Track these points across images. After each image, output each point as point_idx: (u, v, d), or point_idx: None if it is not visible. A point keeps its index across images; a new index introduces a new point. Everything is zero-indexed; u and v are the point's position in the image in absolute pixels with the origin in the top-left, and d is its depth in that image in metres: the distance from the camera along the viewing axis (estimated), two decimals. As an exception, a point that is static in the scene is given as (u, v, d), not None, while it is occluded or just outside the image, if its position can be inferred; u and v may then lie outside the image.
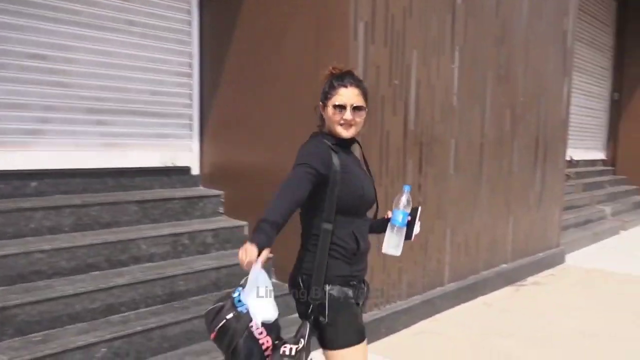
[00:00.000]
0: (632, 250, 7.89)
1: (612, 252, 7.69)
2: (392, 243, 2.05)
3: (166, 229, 3.68)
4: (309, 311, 1.94)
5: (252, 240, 1.68)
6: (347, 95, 2.03)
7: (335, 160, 1.98)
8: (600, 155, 11.85)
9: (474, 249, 4.95)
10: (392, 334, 3.95)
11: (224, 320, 1.72)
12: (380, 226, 2.14)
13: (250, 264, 1.64)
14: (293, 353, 1.77)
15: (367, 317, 3.80)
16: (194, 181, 4.41)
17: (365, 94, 2.08)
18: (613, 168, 11.80)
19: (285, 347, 1.77)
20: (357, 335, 1.97)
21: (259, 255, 1.65)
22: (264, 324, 1.71)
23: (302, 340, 1.83)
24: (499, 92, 5.16)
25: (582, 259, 6.73)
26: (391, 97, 3.94)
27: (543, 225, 6.12)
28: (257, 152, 4.05)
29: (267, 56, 3.94)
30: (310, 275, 1.96)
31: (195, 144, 4.44)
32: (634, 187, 11.42)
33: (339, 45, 3.56)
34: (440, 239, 4.60)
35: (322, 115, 2.09)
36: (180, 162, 4.37)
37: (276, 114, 3.88)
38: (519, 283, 5.49)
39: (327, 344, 1.95)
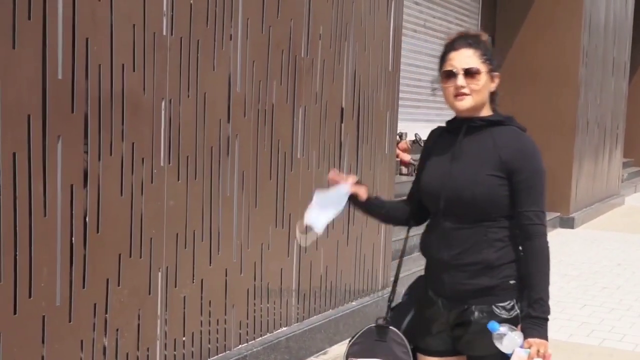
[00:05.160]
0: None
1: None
2: None
3: None
4: None
5: None
6: (457, 59, 2.74)
7: (432, 145, 2.96)
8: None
9: (204, 305, 4.68)
10: None
11: None
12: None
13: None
14: None
15: None
16: None
17: (484, 55, 2.76)
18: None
19: None
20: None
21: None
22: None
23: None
24: (260, 15, 4.89)
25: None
26: None
27: (357, 254, 6.13)
28: None
29: None
30: None
31: None
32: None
33: None
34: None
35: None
36: None
37: None
38: (315, 357, 5.48)
39: None
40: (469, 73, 2.71)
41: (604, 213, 14.11)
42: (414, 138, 9.68)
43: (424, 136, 10.04)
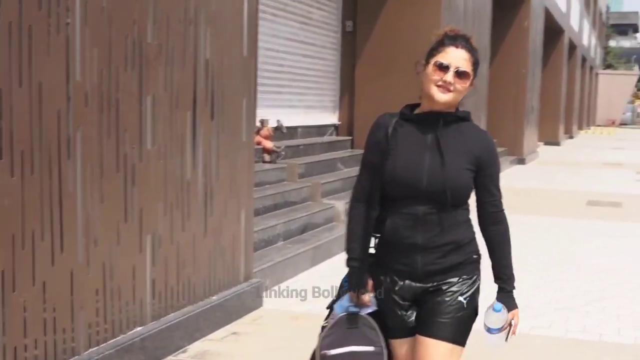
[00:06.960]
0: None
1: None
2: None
3: None
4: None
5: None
6: (455, 55, 3.03)
7: (392, 134, 3.12)
8: (331, 118, 12.40)
9: (48, 309, 4.46)
10: None
11: None
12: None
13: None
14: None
15: None
16: None
17: (475, 64, 3.08)
18: (350, 138, 12.40)
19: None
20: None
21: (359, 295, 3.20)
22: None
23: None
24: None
25: (293, 299, 6.80)
26: None
27: (216, 246, 6.02)
28: None
29: None
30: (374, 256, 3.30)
31: None
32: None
33: None
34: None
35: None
36: None
37: None
38: (174, 356, 5.31)
39: None
40: (460, 74, 3.00)
41: (468, 194, 14.46)
42: (275, 125, 9.59)
43: (286, 122, 10.22)
